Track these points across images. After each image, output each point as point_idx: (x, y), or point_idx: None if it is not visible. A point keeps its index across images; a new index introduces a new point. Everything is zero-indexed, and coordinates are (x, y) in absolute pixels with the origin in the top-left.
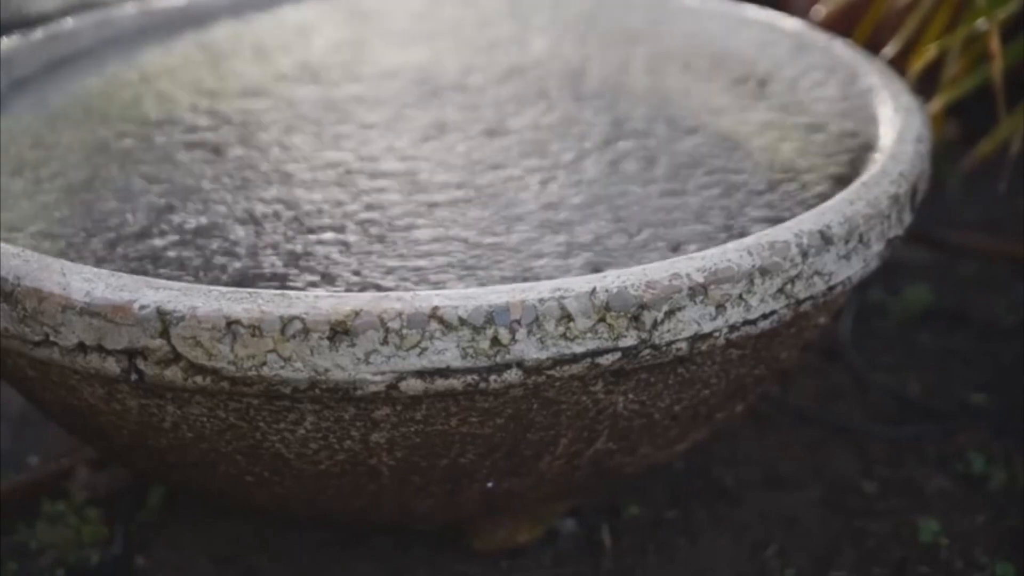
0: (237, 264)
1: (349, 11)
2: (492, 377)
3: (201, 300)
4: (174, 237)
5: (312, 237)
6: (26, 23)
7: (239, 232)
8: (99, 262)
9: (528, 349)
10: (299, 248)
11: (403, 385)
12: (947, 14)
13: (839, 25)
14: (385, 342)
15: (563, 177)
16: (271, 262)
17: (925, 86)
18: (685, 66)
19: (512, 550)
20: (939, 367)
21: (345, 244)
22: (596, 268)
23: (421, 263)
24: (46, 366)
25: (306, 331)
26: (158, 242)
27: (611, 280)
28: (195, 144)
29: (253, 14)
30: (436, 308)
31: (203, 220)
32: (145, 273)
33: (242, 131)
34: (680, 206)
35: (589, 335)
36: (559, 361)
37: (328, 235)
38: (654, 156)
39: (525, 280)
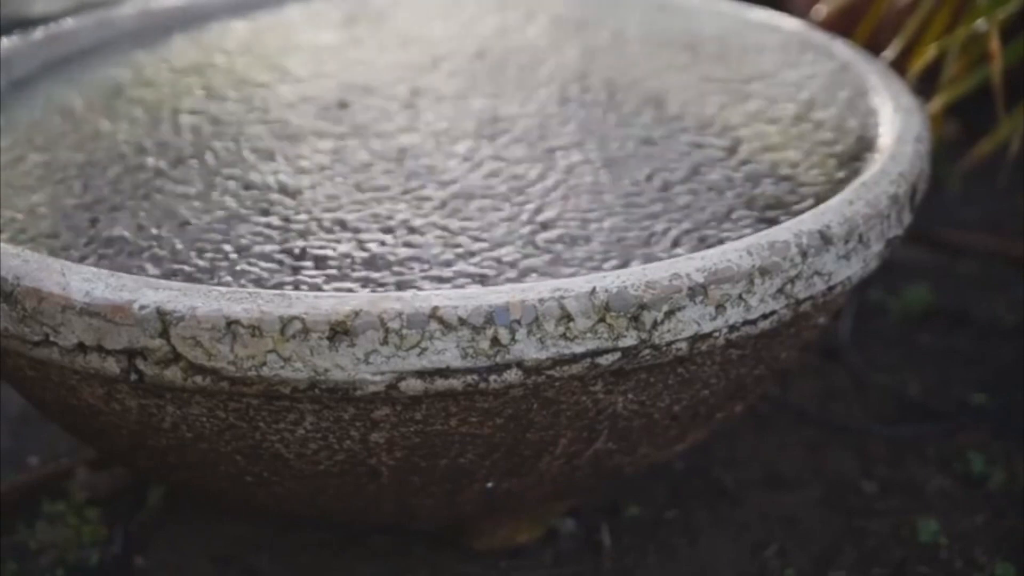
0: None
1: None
2: (492, 377)
3: (201, 300)
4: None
5: None
6: (26, 23)
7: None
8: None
9: (528, 349)
10: None
11: (403, 385)
12: (947, 14)
13: (839, 25)
14: (385, 342)
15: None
16: None
17: (925, 86)
18: (683, 66)
19: (512, 550)
20: (939, 367)
21: None
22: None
23: None
24: (46, 366)
25: (306, 331)
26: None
27: (611, 280)
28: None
29: None
30: (436, 308)
31: None
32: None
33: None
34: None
35: (589, 335)
36: (559, 361)
37: None
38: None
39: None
